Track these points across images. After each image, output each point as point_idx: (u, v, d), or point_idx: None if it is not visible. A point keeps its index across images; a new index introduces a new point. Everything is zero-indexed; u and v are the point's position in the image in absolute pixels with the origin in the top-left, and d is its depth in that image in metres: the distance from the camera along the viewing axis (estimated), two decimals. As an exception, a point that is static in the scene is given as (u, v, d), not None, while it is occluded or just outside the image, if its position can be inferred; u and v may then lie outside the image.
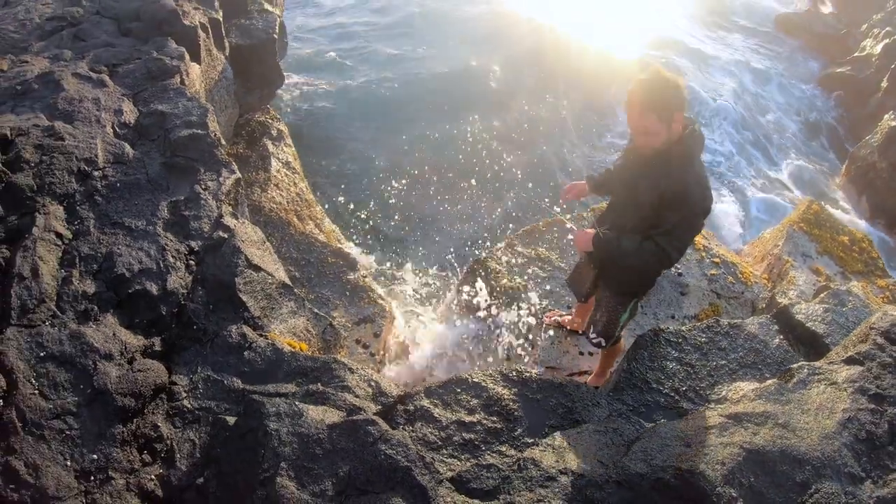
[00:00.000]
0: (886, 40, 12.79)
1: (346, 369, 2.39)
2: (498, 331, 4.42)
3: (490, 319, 4.47)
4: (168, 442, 2.22)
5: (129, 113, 3.68)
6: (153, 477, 2.12)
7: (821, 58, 14.74)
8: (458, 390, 2.43)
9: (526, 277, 4.77)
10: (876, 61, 12.64)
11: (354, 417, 1.97)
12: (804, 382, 2.69)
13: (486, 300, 4.53)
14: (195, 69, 4.37)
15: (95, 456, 2.07)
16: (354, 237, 6.64)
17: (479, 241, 7.34)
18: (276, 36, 5.59)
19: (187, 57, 4.20)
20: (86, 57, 4.17)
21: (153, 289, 2.67)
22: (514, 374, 2.58)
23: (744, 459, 2.19)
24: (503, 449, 2.25)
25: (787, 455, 2.26)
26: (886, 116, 10.13)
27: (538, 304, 4.55)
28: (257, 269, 2.90)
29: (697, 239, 5.40)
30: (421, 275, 6.09)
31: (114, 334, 2.40)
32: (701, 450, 2.21)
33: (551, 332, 4.36)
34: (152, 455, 2.18)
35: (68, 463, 2.03)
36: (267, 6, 5.82)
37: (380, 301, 4.68)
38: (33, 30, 4.62)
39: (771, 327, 3.36)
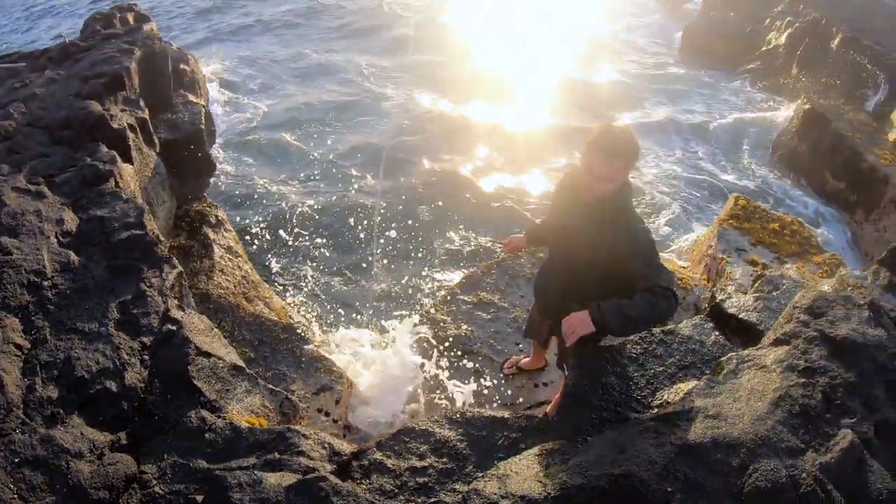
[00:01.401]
0: (789, 30, 13.88)
1: (300, 436, 2.71)
2: (450, 379, 4.84)
3: (442, 369, 4.89)
4: None
5: (70, 221, 4.01)
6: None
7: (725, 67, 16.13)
8: (407, 439, 2.77)
9: (471, 324, 5.23)
10: (783, 51, 13.78)
11: (307, 477, 2.29)
12: (734, 372, 2.93)
13: (436, 350, 4.97)
14: (128, 170, 4.74)
15: None
16: (302, 308, 7.02)
17: (426, 292, 7.87)
18: (202, 127, 6.00)
19: (119, 159, 4.55)
20: (23, 169, 4.46)
21: (113, 386, 2.97)
22: (458, 415, 2.89)
23: (676, 455, 2.38)
24: (456, 486, 2.53)
25: (720, 443, 2.44)
26: (799, 101, 11.10)
27: (487, 347, 5.01)
28: (207, 355, 3.24)
29: None
30: (375, 330, 6.50)
31: (81, 434, 2.70)
32: (634, 454, 2.40)
33: (504, 371, 4.79)
34: (129, 542, 2.47)
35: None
36: (191, 98, 6.26)
37: (335, 368, 5.01)
38: (-33, 147, 4.93)
39: (705, 326, 3.57)
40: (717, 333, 3.52)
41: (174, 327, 3.36)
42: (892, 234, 8.69)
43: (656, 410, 2.81)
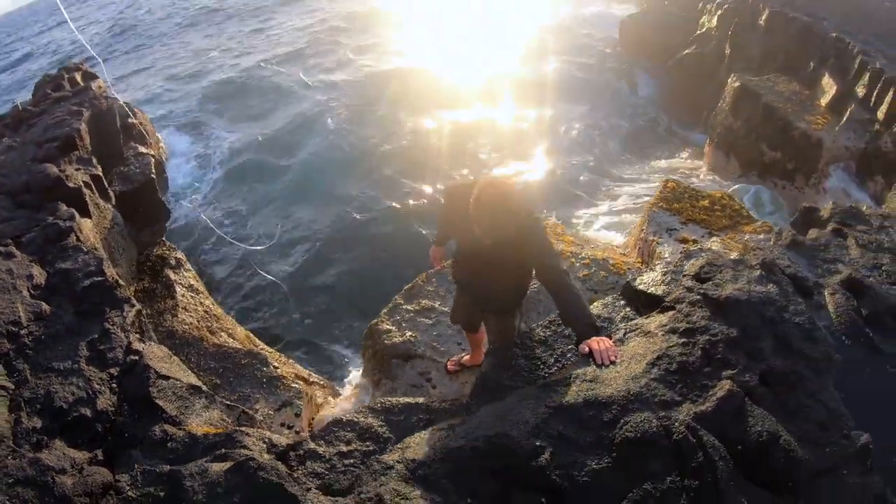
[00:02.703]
0: (719, 11, 14.61)
1: (244, 434, 3.35)
2: (396, 383, 5.53)
3: (389, 375, 5.57)
4: None
5: (39, 275, 4.69)
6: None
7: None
8: (336, 429, 3.40)
9: (415, 329, 5.91)
10: (715, 33, 14.48)
11: (239, 459, 2.99)
12: (621, 340, 3.28)
13: (384, 358, 5.65)
14: (87, 224, 5.42)
15: None
16: (264, 334, 7.76)
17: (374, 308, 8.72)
18: (153, 176, 6.70)
19: (77, 215, 5.23)
20: (-9, 234, 5.20)
21: (88, 412, 3.64)
22: (378, 405, 3.50)
23: (549, 416, 2.69)
24: (373, 463, 3.06)
25: (592, 402, 2.73)
26: (730, 79, 11.59)
27: (430, 350, 5.69)
28: (166, 378, 3.92)
29: (564, 248, 6.36)
30: (330, 344, 7.20)
31: (63, 454, 3.37)
32: (511, 418, 2.74)
33: (448, 369, 5.33)
34: (111, 535, 3.15)
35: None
36: (141, 149, 6.96)
37: (293, 385, 5.71)
38: (-64, 217, 5.62)
39: (616, 304, 3.83)
40: (628, 309, 3.78)
41: (136, 357, 4.04)
42: (832, 195, 9.18)
43: (540, 381, 3.19)
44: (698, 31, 15.26)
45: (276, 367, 5.94)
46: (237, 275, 9.16)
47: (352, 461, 3.25)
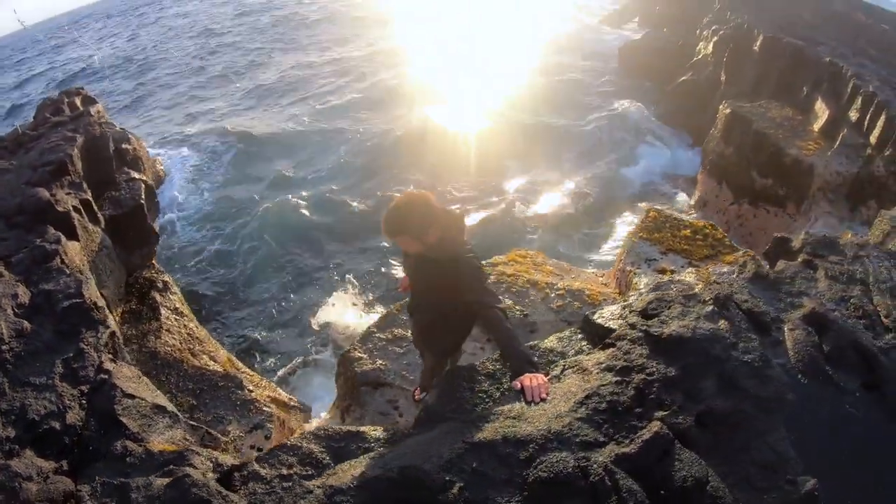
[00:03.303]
0: (715, 38, 15.04)
1: (195, 454, 3.68)
2: (365, 409, 5.86)
3: (358, 402, 5.91)
4: None
5: (24, 295, 5.10)
6: (71, 558, 3.44)
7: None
8: (280, 453, 3.62)
9: (385, 358, 6.24)
10: (711, 59, 14.90)
11: (177, 475, 3.32)
12: (558, 378, 3.33)
13: (355, 386, 5.99)
14: (74, 247, 5.83)
15: None
16: (246, 357, 8.18)
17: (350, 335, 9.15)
18: (143, 202, 7.12)
19: (63, 239, 5.62)
20: (-18, 254, 5.64)
21: (57, 426, 4.01)
22: (321, 431, 3.71)
23: (465, 451, 2.77)
24: (308, 486, 3.26)
25: (510, 440, 2.78)
26: (721, 106, 11.81)
27: (399, 379, 6.01)
28: (132, 397, 4.29)
29: (540, 278, 6.57)
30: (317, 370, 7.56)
31: (32, 463, 3.73)
32: (429, 451, 2.85)
33: (415, 398, 5.70)
34: (68, 541, 3.51)
35: (4, 553, 3.34)
36: (134, 174, 7.41)
37: (265, 409, 6.07)
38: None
39: (573, 337, 3.84)
40: (584, 343, 3.76)
41: (105, 376, 4.43)
42: (824, 220, 9.36)
43: (469, 416, 3.24)
44: (695, 58, 15.56)
45: (251, 391, 6.30)
46: (225, 296, 9.63)
47: (290, 484, 3.50)
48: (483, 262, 7.04)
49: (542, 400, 3.05)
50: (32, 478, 3.65)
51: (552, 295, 6.32)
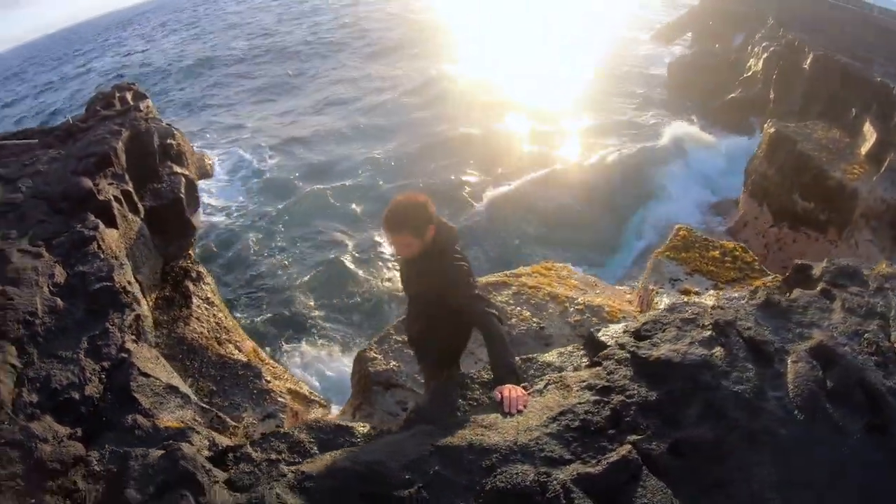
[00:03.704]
0: (765, 55, 15.03)
1: (195, 432, 4.01)
2: (374, 408, 6.10)
3: (369, 401, 6.15)
4: (82, 493, 3.84)
5: (60, 275, 5.53)
6: (71, 515, 3.76)
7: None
8: (273, 439, 3.78)
9: (400, 360, 6.47)
10: (761, 76, 14.86)
11: (170, 449, 3.59)
12: (540, 391, 3.36)
13: (367, 385, 6.24)
14: (112, 234, 6.28)
15: (33, 501, 3.72)
16: (271, 350, 8.55)
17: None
18: (182, 195, 7.55)
19: (101, 226, 6.07)
20: (27, 234, 6.09)
21: (76, 396, 4.37)
22: (313, 423, 3.94)
23: (430, 454, 2.85)
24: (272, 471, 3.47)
25: (476, 447, 2.85)
26: (766, 125, 11.67)
27: (410, 381, 6.23)
28: (147, 376, 4.63)
29: (561, 292, 6.63)
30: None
31: (49, 427, 4.09)
32: (396, 450, 2.96)
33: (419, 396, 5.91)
34: (72, 501, 3.82)
35: (14, 504, 3.69)
36: (176, 169, 7.87)
37: (280, 399, 6.39)
38: (-15, 216, 6.62)
39: (574, 353, 3.90)
40: (585, 360, 3.77)
41: (126, 355, 4.79)
42: (864, 248, 9.19)
43: (448, 422, 3.32)
44: (745, 75, 15.34)
45: (269, 381, 6.62)
46: (260, 288, 10.05)
47: (272, 468, 3.59)
48: (507, 274, 7.24)
49: (519, 412, 3.11)
50: (48, 440, 3.99)
51: (571, 309, 6.39)
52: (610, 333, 3.83)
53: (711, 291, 6.00)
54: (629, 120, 17.11)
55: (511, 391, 3.19)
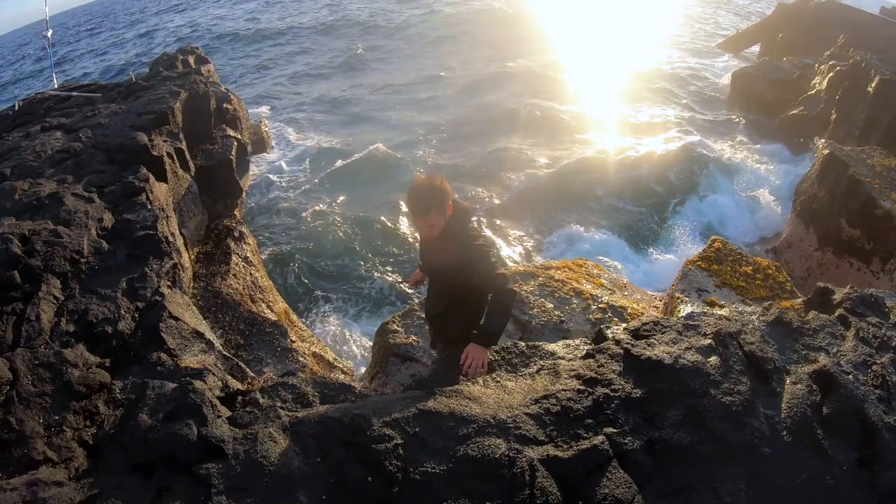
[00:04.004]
0: (830, 74, 14.64)
1: (210, 373, 4.33)
2: (388, 379, 6.34)
3: (384, 371, 6.40)
4: (103, 416, 4.20)
5: (108, 220, 5.95)
6: (90, 434, 4.08)
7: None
8: (281, 389, 4.09)
9: (419, 336, 6.69)
10: (824, 95, 14.45)
11: (183, 383, 3.90)
12: (532, 375, 3.55)
13: (385, 356, 6.49)
14: (161, 188, 6.69)
15: (57, 417, 4.06)
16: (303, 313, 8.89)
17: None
18: (232, 157, 7.94)
19: (152, 179, 6.48)
20: (82, 181, 6.53)
21: (109, 330, 4.74)
22: (320, 378, 4.28)
23: (413, 415, 3.05)
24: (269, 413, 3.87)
25: (456, 416, 3.04)
26: (820, 145, 11.35)
27: (427, 357, 6.45)
28: (176, 319, 4.98)
29: (587, 289, 6.71)
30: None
31: (81, 354, 4.46)
32: (383, 408, 3.16)
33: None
34: (92, 422, 4.16)
35: (40, 420, 3.98)
36: (230, 132, 8.26)
37: (301, 359, 6.69)
38: (46, 159, 7.03)
39: (580, 346, 3.98)
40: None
41: (160, 298, 5.15)
42: None
43: (441, 390, 3.46)
44: (809, 92, 15.01)
45: (293, 342, 6.93)
46: (304, 253, 10.45)
47: (277, 413, 3.89)
48: (537, 266, 7.38)
49: (473, 380, 3.37)
50: (78, 366, 4.36)
51: (593, 307, 6.47)
52: (615, 330, 3.97)
53: (731, 304, 6.00)
54: (689, 118, 16.95)
55: (475, 359, 3.45)
